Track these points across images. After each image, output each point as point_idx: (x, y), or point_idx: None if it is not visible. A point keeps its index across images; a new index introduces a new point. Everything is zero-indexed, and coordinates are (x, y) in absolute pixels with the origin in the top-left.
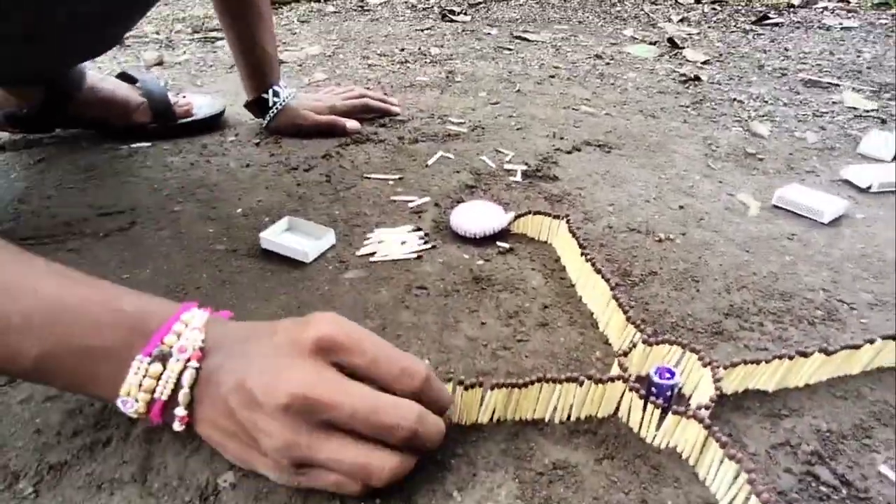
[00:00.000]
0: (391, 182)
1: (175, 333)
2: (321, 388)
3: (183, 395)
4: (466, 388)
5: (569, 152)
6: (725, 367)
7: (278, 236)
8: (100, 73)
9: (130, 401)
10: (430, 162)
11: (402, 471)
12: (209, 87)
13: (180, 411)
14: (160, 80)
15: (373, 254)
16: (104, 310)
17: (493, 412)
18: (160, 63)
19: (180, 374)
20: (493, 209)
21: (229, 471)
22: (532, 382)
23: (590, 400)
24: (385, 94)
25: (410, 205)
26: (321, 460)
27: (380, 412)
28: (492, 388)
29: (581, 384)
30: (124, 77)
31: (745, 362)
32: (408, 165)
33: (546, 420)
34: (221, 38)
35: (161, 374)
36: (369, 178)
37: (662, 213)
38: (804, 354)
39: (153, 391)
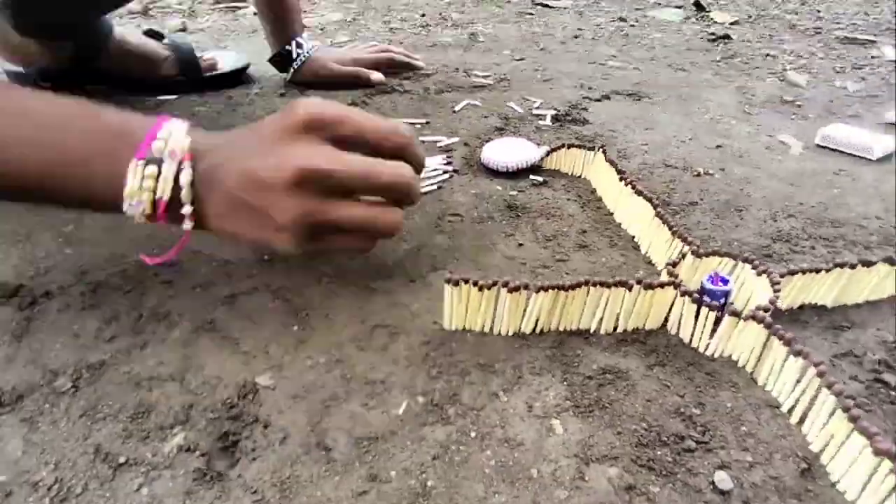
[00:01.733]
0: (419, 126)
1: (162, 139)
2: (321, 159)
3: (185, 194)
4: (511, 291)
5: (598, 100)
6: (782, 276)
7: None
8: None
9: (136, 202)
10: (457, 108)
11: (402, 224)
12: (233, 49)
13: (187, 209)
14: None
15: None
16: (94, 122)
17: (537, 321)
18: (183, 30)
19: (177, 174)
20: (525, 144)
21: (268, 371)
22: (579, 285)
23: (637, 310)
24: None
25: (439, 144)
26: (335, 220)
27: (379, 174)
28: (537, 292)
29: (630, 289)
30: (151, 34)
31: (803, 271)
32: (435, 111)
33: (592, 330)
34: (243, 7)
35: (158, 174)
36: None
37: (699, 151)
38: (867, 263)
39: (154, 190)
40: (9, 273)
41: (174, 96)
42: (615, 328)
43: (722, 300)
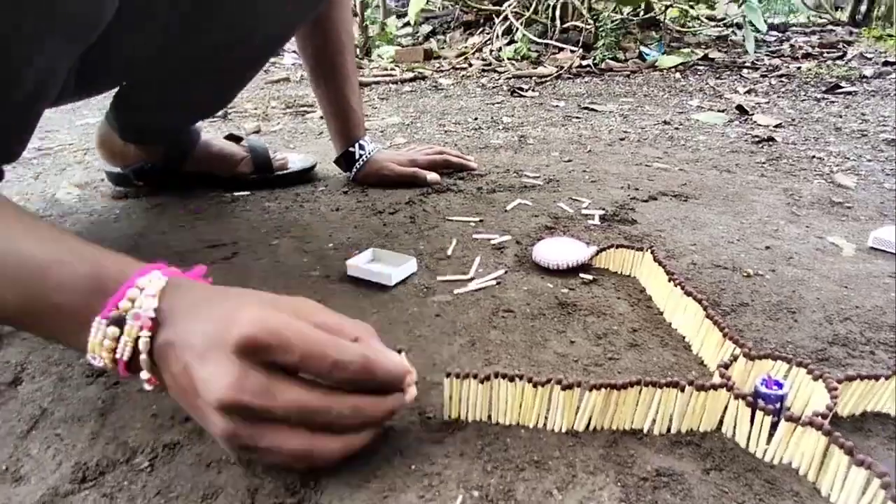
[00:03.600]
0: (472, 223)
1: (129, 299)
2: (248, 394)
3: (143, 361)
4: (564, 388)
5: (645, 201)
6: (840, 381)
7: (363, 264)
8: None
9: (98, 357)
10: (508, 207)
11: (348, 452)
12: (301, 150)
13: (144, 375)
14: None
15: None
16: (71, 271)
17: (590, 419)
18: (258, 132)
19: (136, 340)
20: (574, 244)
21: None
22: (631, 385)
23: (691, 410)
24: (461, 153)
25: (492, 241)
26: (263, 448)
27: (315, 414)
28: (590, 390)
29: (682, 390)
30: (232, 138)
31: (861, 377)
32: (487, 210)
33: (645, 431)
34: (311, 111)
35: (119, 336)
36: (451, 220)
37: (748, 252)
38: None
39: (114, 350)
40: None
41: (248, 192)
42: (668, 429)
43: (777, 404)
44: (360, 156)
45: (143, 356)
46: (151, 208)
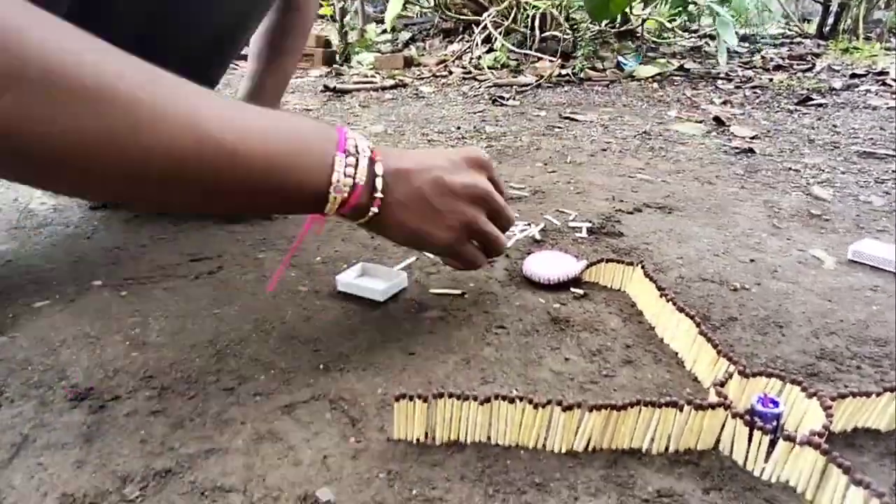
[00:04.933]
0: None
1: (352, 139)
2: (494, 192)
3: (378, 181)
4: (564, 410)
5: (630, 213)
6: (833, 399)
7: (353, 279)
8: None
9: (339, 186)
10: None
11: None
12: None
13: (378, 193)
14: None
15: None
16: (299, 123)
17: (589, 439)
18: None
19: (370, 164)
20: (564, 258)
21: (326, 484)
22: (631, 405)
23: (689, 429)
24: None
25: None
26: (485, 229)
27: (509, 213)
28: (590, 410)
29: (681, 409)
30: None
31: (854, 395)
32: None
33: (644, 450)
34: None
35: (356, 165)
36: None
37: (733, 265)
38: None
39: (354, 177)
40: (80, 375)
41: None
42: (667, 448)
43: (774, 423)
44: None
45: (379, 178)
46: (130, 220)
